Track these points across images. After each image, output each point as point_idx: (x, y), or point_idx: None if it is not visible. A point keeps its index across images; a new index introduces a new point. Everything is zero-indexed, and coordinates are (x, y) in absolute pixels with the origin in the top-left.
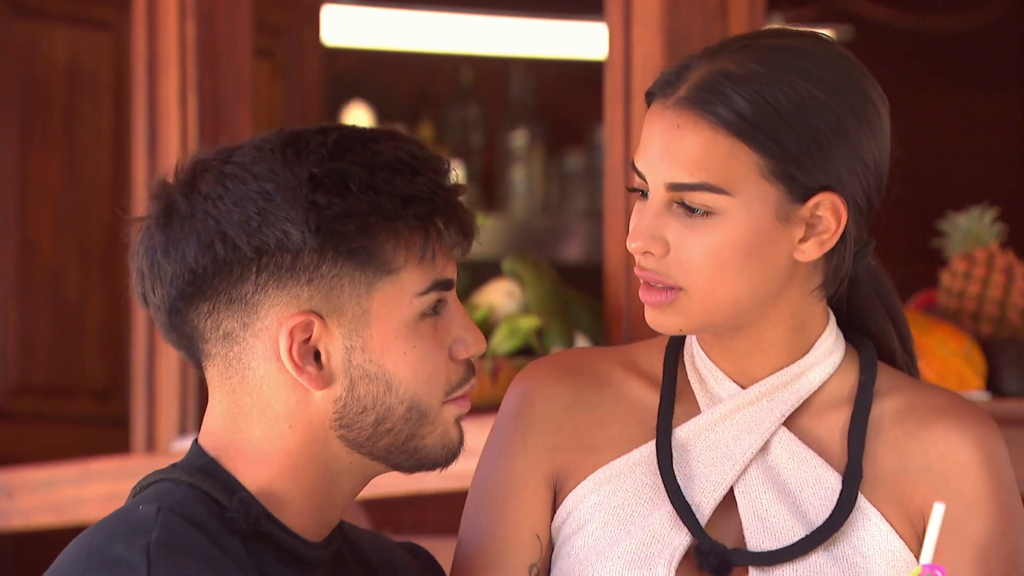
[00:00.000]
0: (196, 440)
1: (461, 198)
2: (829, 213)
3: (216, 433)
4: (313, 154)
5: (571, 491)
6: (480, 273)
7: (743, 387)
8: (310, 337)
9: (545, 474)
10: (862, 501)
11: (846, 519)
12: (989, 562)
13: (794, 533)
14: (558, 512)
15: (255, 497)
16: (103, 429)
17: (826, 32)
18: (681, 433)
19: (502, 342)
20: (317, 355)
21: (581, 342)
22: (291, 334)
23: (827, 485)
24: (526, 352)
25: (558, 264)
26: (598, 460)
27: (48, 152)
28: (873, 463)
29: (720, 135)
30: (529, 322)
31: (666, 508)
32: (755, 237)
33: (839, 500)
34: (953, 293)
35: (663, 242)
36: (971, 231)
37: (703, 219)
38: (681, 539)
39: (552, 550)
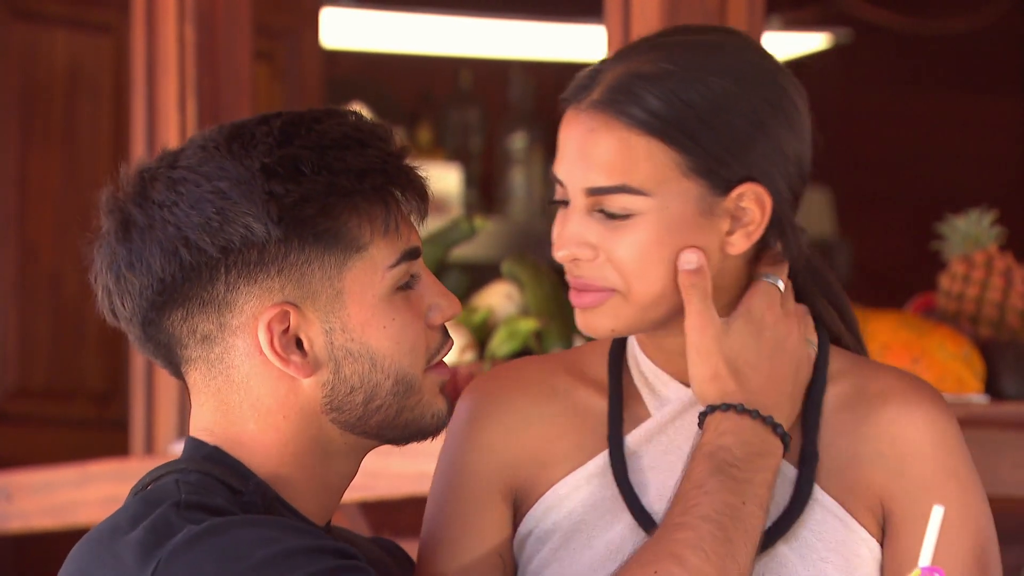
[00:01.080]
0: (189, 436)
1: (410, 162)
2: (753, 204)
3: (211, 428)
4: (260, 144)
5: (530, 509)
6: (479, 275)
7: (689, 387)
8: (288, 327)
9: (503, 492)
10: (819, 493)
11: (804, 507)
12: (955, 541)
13: None
14: (519, 530)
15: (267, 483)
16: (102, 432)
17: (823, 35)
18: (632, 440)
19: (501, 345)
20: (299, 344)
21: (580, 344)
22: (269, 327)
23: (784, 476)
24: (525, 354)
25: (557, 267)
26: (554, 475)
27: (48, 154)
28: (827, 451)
29: (635, 136)
30: (528, 324)
31: (626, 519)
32: (680, 234)
33: (795, 489)
34: (952, 296)
35: (590, 246)
36: (970, 234)
37: (624, 221)
38: None
39: (516, 569)
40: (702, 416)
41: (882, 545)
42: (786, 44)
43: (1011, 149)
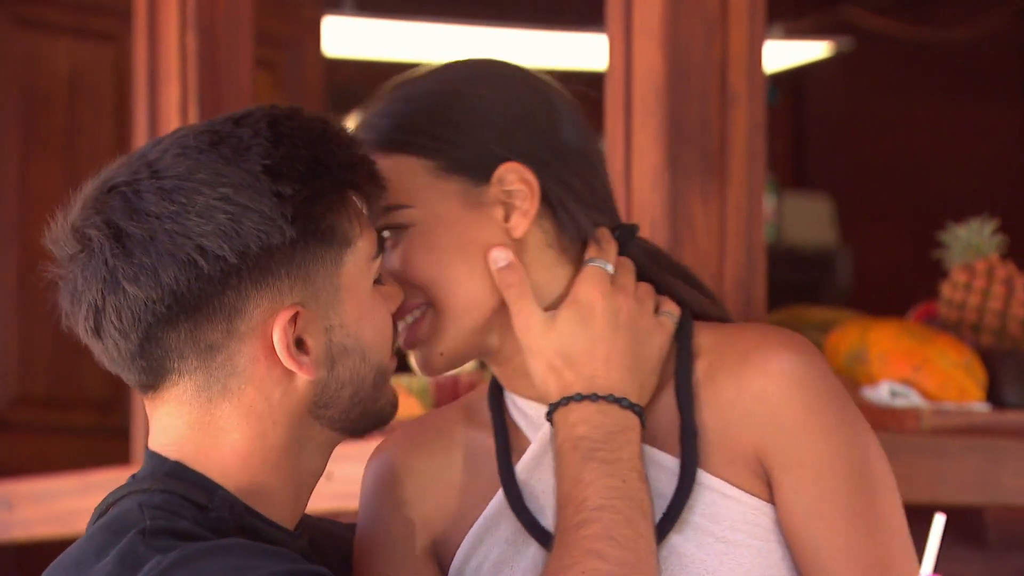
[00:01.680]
0: (149, 450)
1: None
2: (517, 182)
3: (179, 442)
4: (254, 147)
5: (451, 561)
6: None
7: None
8: (296, 328)
9: (425, 551)
10: (703, 476)
11: (689, 493)
12: (829, 486)
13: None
14: None
15: (234, 494)
16: (104, 440)
17: (825, 43)
18: (521, 470)
19: None
20: (299, 344)
21: None
22: (284, 330)
23: (665, 467)
24: None
25: None
26: (464, 525)
27: (49, 163)
28: (703, 428)
29: (387, 157)
30: None
31: (534, 546)
32: (456, 234)
33: (680, 478)
34: (954, 304)
35: (395, 273)
36: (971, 242)
37: (405, 236)
38: None
39: None
40: (549, 416)
41: (771, 502)
42: (788, 53)
43: (1012, 157)
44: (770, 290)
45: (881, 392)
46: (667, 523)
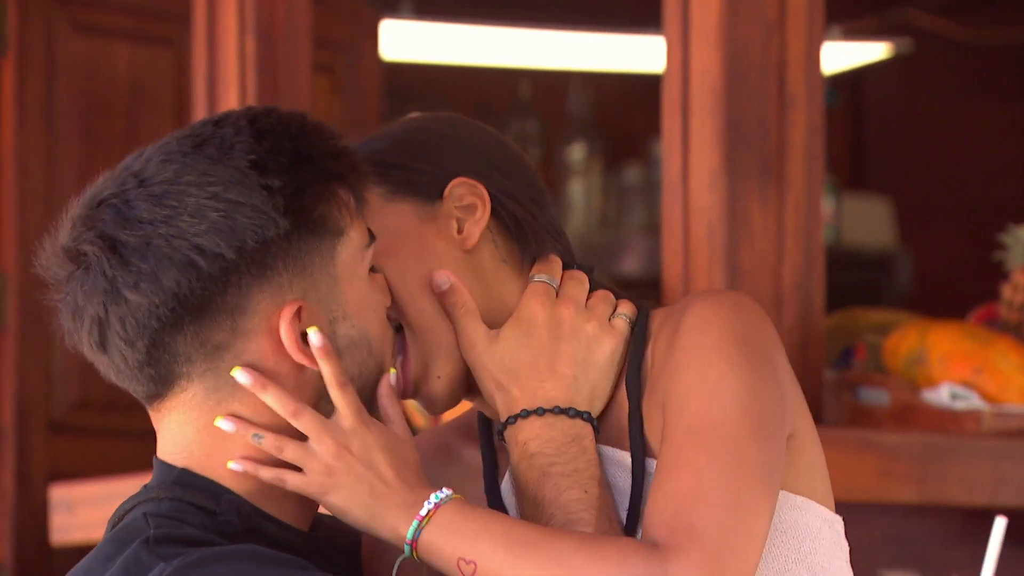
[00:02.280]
0: (158, 459)
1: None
2: (468, 194)
3: (189, 448)
4: (238, 144)
5: None
6: None
7: None
8: (300, 323)
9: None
10: (652, 465)
11: (642, 486)
12: (677, 413)
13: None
14: None
15: (243, 497)
16: None
17: (884, 44)
18: (507, 488)
19: None
20: (304, 338)
21: None
22: (290, 324)
23: (625, 465)
24: None
25: (616, 278)
26: None
27: (109, 168)
28: (654, 413)
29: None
30: None
31: None
32: (412, 249)
33: (632, 476)
34: (1014, 307)
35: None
36: None
37: (379, 265)
38: None
39: None
40: (500, 437)
41: None
42: (846, 54)
43: None
44: (829, 292)
45: (941, 395)
46: (632, 521)
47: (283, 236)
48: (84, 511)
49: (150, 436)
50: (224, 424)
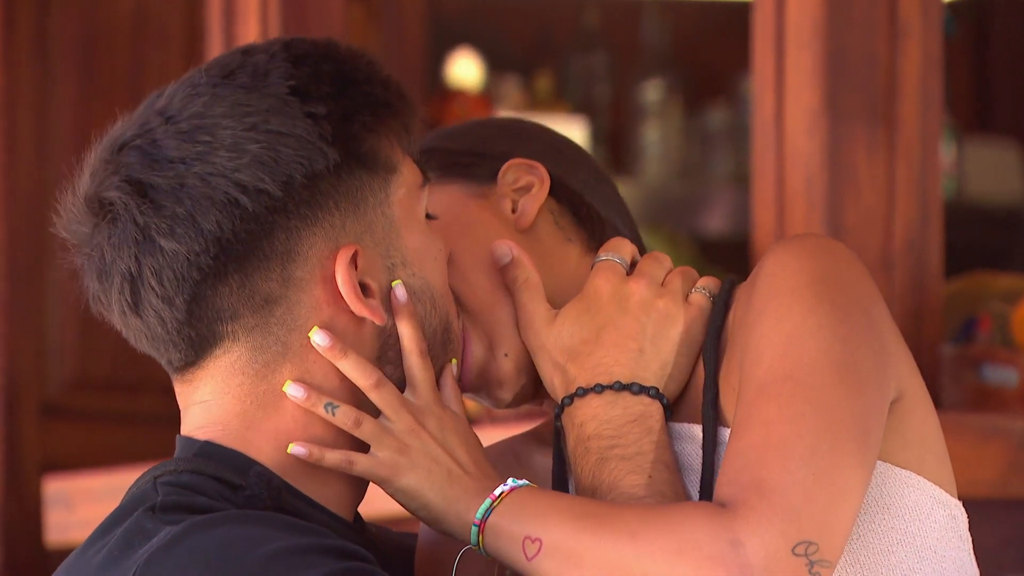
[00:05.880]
0: (180, 436)
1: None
2: (524, 173)
3: (225, 420)
4: (274, 70)
5: None
6: None
7: None
8: (357, 268)
9: (491, 566)
10: (725, 434)
11: (713, 460)
12: (755, 361)
13: None
14: None
15: (273, 471)
16: (173, 428)
17: None
18: (572, 489)
19: None
20: (362, 288)
21: None
22: (348, 271)
23: (693, 439)
24: None
25: (698, 237)
26: None
27: (111, 110)
28: (727, 384)
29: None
30: None
31: None
32: (463, 225)
33: (703, 450)
34: None
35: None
36: None
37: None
38: None
39: None
40: (557, 421)
41: None
42: None
43: None
44: (948, 254)
45: None
46: (704, 498)
47: (333, 170)
48: (84, 507)
49: (160, 420)
50: (294, 390)
